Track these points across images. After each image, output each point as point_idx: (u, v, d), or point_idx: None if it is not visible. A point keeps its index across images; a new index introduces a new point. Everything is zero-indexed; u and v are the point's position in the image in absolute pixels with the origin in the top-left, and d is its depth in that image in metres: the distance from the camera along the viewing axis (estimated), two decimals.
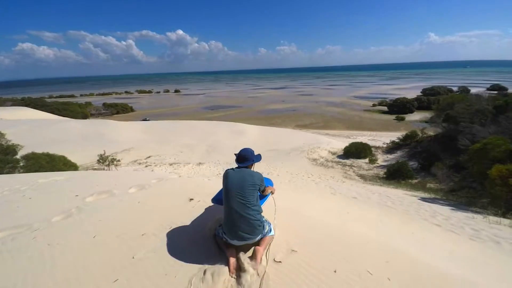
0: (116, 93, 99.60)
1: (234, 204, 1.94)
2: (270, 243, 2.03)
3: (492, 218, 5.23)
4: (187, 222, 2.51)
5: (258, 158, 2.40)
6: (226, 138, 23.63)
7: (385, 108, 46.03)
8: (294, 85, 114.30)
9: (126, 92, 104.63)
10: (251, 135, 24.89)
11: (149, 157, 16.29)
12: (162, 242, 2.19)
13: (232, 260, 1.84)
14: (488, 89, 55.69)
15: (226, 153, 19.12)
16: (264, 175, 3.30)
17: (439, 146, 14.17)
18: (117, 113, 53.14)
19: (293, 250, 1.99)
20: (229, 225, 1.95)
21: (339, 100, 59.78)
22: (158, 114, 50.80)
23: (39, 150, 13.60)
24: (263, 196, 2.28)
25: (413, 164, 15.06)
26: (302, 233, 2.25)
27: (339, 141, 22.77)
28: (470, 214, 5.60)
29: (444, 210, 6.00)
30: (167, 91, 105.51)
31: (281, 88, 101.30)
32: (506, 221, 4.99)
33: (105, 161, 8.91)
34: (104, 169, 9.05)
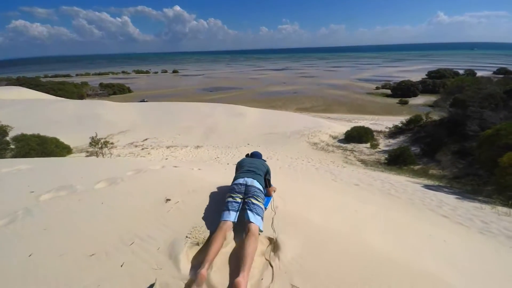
0: (113, 73, 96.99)
1: (244, 174, 2.27)
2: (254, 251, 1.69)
3: (501, 209, 4.97)
4: (156, 234, 1.92)
5: (264, 161, 2.86)
6: (225, 121, 23.12)
7: (388, 91, 44.89)
8: (296, 66, 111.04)
9: (123, 72, 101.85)
10: (251, 118, 24.34)
11: (146, 139, 15.92)
12: (113, 267, 1.61)
13: (204, 269, 1.48)
14: (494, 72, 54.09)
15: (225, 136, 18.75)
16: (264, 158, 3.02)
17: (444, 131, 13.74)
18: (114, 93, 51.95)
19: (293, 286, 1.47)
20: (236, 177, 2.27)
21: (341, 83, 58.24)
22: (156, 95, 49.68)
23: (33, 131, 13.22)
24: (267, 196, 2.40)
25: (415, 149, 14.74)
26: (308, 254, 1.67)
27: (340, 125, 22.31)
28: (477, 204, 5.35)
29: (450, 200, 5.75)
30: (165, 71, 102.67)
31: (283, 69, 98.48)
32: None
33: (97, 144, 8.55)
34: (96, 152, 8.74)
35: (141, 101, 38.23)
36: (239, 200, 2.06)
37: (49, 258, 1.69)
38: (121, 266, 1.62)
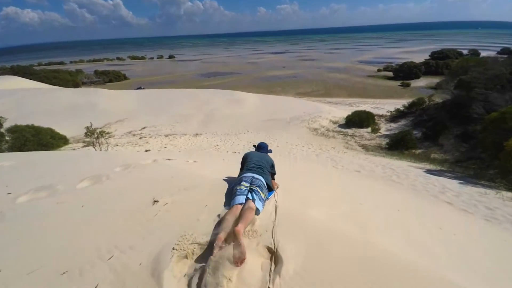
0: (108, 60, 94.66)
1: (252, 171, 2.28)
2: (250, 220, 1.86)
3: (505, 193, 4.89)
4: (139, 245, 1.66)
5: (270, 151, 2.90)
6: (224, 108, 22.77)
7: (390, 74, 43.94)
8: (295, 49, 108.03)
9: (118, 58, 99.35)
10: (250, 104, 23.96)
11: (144, 128, 15.71)
12: None
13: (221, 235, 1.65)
14: (498, 52, 52.53)
15: (224, 123, 18.51)
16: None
17: (447, 114, 13.48)
18: (110, 81, 50.98)
19: None
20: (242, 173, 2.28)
21: (342, 66, 56.89)
22: (152, 82, 48.72)
23: (28, 121, 12.99)
24: (270, 190, 2.38)
25: (417, 133, 14.56)
26: (311, 264, 1.48)
27: (341, 110, 21.97)
28: (481, 189, 5.26)
29: (453, 185, 5.67)
30: (161, 57, 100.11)
31: (282, 52, 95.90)
32: None
33: (93, 134, 8.38)
34: (93, 142, 8.59)
35: (137, 89, 37.54)
36: (247, 186, 2.13)
37: (16, 277, 1.46)
38: None
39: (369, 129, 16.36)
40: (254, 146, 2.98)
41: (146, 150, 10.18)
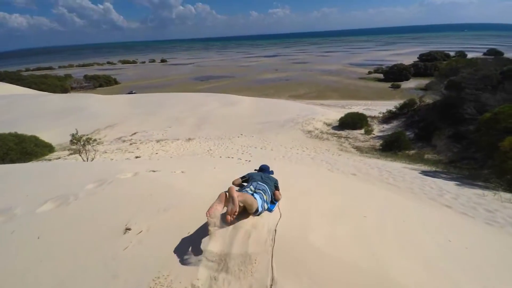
0: (98, 64, 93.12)
1: (256, 182, 2.15)
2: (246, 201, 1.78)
3: (503, 195, 4.84)
4: None
5: (272, 172, 2.79)
6: (217, 111, 22.54)
7: (381, 76, 44.62)
8: (287, 52, 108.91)
9: (108, 62, 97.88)
10: (244, 107, 23.81)
11: (134, 133, 15.29)
12: None
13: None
14: (484, 53, 54.21)
15: (218, 127, 18.26)
16: (258, 149, 2.69)
17: (438, 114, 13.63)
18: (100, 86, 50.02)
19: None
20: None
21: (334, 68, 57.55)
22: (144, 86, 48.06)
23: (14, 128, 12.44)
24: (273, 202, 2.26)
25: (409, 134, 14.67)
26: None
27: (334, 112, 22.05)
28: (479, 191, 5.21)
29: (450, 187, 5.61)
30: (153, 60, 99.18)
31: (274, 55, 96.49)
32: None
33: (79, 141, 8.00)
34: (79, 150, 8.22)
35: (129, 93, 36.93)
36: (252, 190, 2.02)
37: None
38: None
39: (362, 131, 16.42)
40: (255, 170, 2.81)
41: (136, 157, 9.85)
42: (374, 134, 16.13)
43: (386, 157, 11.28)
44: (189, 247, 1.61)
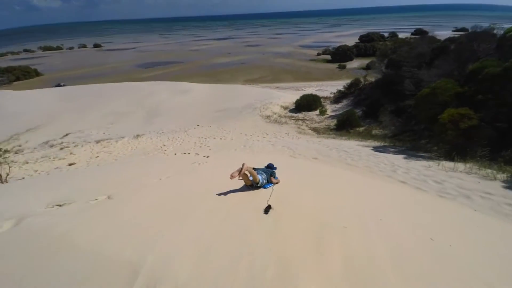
0: (13, 53, 75.98)
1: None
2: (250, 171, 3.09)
3: (445, 164, 5.35)
4: None
5: (275, 168, 3.76)
6: (168, 101, 20.69)
7: (328, 57, 46.90)
8: (239, 34, 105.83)
9: (25, 50, 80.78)
10: (198, 95, 22.38)
11: (66, 135, 12.87)
12: None
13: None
14: (412, 33, 61.39)
15: (170, 119, 16.78)
16: (217, 140, 4.50)
17: (381, 92, 14.83)
18: (17, 79, 41.22)
19: None
20: None
21: (286, 50, 58.31)
22: (76, 76, 41.19)
23: None
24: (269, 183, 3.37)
25: (358, 111, 15.75)
26: None
27: (290, 94, 22.38)
28: (424, 162, 5.69)
29: (399, 161, 6.02)
30: (84, 46, 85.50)
31: (226, 38, 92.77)
32: (460, 166, 5.14)
33: None
34: None
35: (56, 86, 31.25)
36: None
37: None
38: None
39: (317, 112, 17.04)
40: (264, 166, 3.75)
41: (70, 164, 8.19)
42: (328, 114, 16.90)
43: (341, 136, 11.88)
44: None
